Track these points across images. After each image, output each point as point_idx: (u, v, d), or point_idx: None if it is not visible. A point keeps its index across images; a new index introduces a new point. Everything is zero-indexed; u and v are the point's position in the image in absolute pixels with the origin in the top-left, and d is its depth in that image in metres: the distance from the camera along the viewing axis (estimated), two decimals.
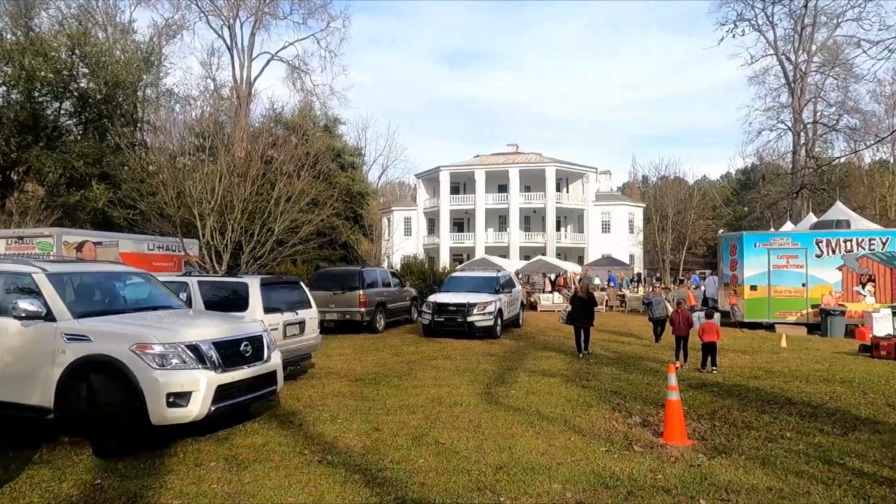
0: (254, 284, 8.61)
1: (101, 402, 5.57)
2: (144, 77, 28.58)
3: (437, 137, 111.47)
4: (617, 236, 51.55)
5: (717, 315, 16.01)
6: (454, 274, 18.91)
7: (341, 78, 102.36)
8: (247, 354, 6.38)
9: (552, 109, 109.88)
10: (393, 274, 18.79)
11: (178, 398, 5.57)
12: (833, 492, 4.78)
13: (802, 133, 42.58)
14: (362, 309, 15.43)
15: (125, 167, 21.09)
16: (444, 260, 47.22)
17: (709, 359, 10.38)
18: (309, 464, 5.45)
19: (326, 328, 16.26)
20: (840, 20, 40.56)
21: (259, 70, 39.50)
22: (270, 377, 6.70)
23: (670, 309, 13.36)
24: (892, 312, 15.29)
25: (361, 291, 15.51)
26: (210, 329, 6.25)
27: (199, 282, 9.03)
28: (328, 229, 31.68)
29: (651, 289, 15.82)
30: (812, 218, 27.97)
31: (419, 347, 13.38)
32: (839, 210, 25.62)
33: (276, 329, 8.64)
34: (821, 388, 8.84)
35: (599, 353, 12.46)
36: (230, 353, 6.17)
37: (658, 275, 46.68)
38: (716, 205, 58.02)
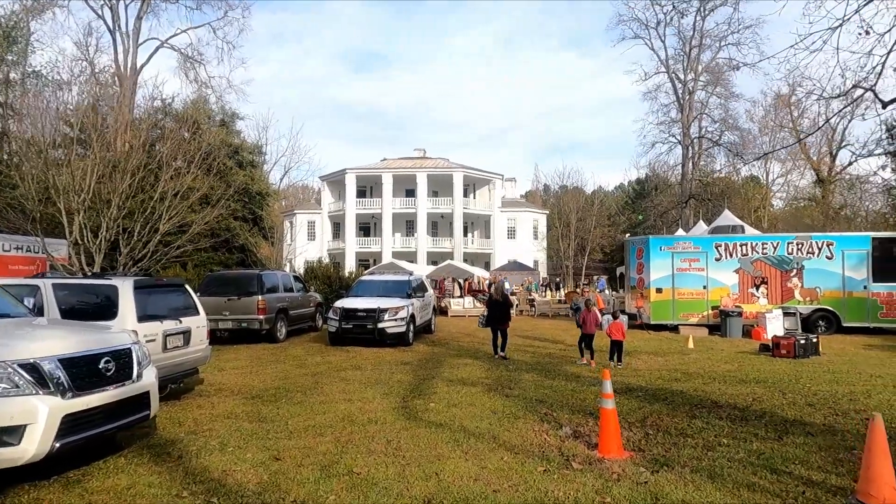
0: (125, 287, 7.19)
1: None
2: (7, 56, 25.14)
3: (343, 141, 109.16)
4: (522, 242, 52.46)
5: (623, 316, 16.26)
6: (363, 277, 17.83)
7: (241, 72, 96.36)
8: (108, 373, 5.09)
9: (457, 117, 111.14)
10: (296, 278, 17.39)
11: (6, 434, 4.24)
12: None
13: (690, 147, 45.51)
14: (261, 316, 14.00)
15: None
16: (350, 265, 45.76)
17: (615, 354, 11.24)
18: None
19: (219, 338, 14.66)
20: (722, 44, 44.05)
21: (146, 58, 36.15)
22: (141, 400, 5.44)
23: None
24: (783, 313, 16.18)
25: (260, 297, 14.07)
26: (57, 342, 4.91)
27: (54, 285, 7.43)
28: (224, 231, 29.44)
29: (580, 291, 15.15)
30: (703, 225, 29.65)
31: (325, 357, 12.24)
32: (727, 217, 27.29)
33: (154, 340, 7.28)
34: (741, 389, 8.78)
35: (517, 359, 11.97)
36: (85, 372, 4.88)
37: (558, 279, 47.96)
38: (611, 213, 60.76)
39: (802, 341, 12.10)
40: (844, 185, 42.73)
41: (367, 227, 53.75)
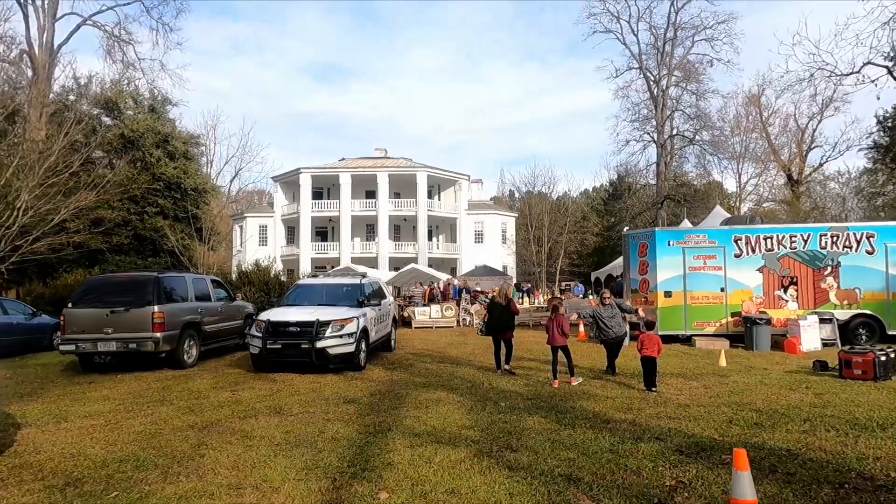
0: None
1: None
2: None
3: (302, 151, 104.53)
4: (490, 246, 49.38)
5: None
6: (301, 281, 14.14)
7: (177, 54, 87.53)
8: None
9: (420, 127, 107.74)
10: (217, 283, 13.62)
11: None
12: None
13: (664, 146, 43.30)
14: (158, 334, 10.27)
15: None
16: (305, 271, 41.75)
17: (648, 376, 8.58)
18: None
19: (100, 365, 10.92)
20: (695, 39, 42.07)
21: (66, 36, 31.64)
22: None
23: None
24: (820, 320, 13.35)
25: (157, 308, 10.35)
26: None
27: None
28: (151, 232, 25.41)
29: (599, 300, 10.97)
30: (688, 224, 27.06)
31: (237, 392, 8.63)
32: (719, 214, 24.75)
33: None
34: (878, 445, 5.59)
35: (511, 390, 8.61)
36: None
37: (528, 286, 44.95)
38: (576, 220, 58.13)
39: (883, 358, 9.14)
40: (840, 181, 41.11)
41: (325, 232, 49.80)
